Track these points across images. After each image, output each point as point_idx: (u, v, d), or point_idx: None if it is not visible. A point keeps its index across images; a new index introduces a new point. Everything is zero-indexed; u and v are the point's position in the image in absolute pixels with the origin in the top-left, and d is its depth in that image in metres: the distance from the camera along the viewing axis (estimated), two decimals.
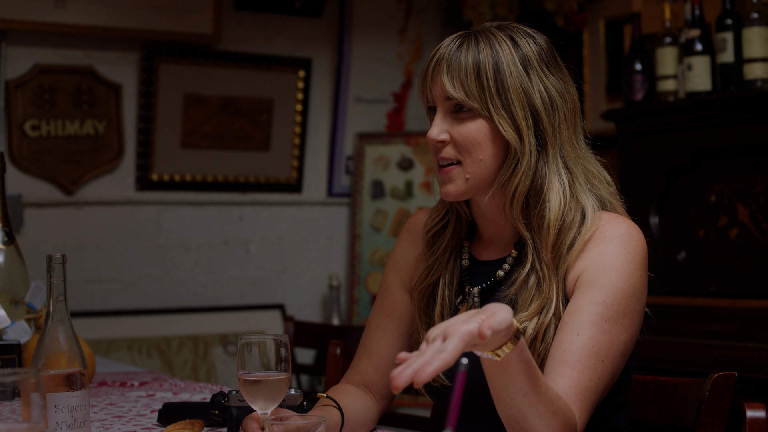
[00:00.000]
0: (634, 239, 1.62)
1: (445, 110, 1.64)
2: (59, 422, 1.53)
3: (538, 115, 1.62)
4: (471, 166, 1.63)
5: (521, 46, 1.63)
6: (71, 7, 3.79)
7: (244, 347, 1.56)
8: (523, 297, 1.63)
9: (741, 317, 3.03)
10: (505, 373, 1.40)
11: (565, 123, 1.65)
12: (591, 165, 1.69)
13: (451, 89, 1.61)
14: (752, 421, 1.58)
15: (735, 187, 3.13)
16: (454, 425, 1.11)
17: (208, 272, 4.18)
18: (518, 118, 1.60)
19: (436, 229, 1.77)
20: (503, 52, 1.61)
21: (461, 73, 1.60)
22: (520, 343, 1.37)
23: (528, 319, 1.60)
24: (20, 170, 3.80)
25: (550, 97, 1.63)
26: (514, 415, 1.44)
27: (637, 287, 1.60)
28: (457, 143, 1.63)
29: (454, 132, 1.63)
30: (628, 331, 1.58)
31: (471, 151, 1.62)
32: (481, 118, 1.61)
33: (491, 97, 1.60)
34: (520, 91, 1.61)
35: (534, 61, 1.63)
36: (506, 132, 1.60)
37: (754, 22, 3.12)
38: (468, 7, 4.34)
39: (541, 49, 1.65)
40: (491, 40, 1.62)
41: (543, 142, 1.63)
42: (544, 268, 1.62)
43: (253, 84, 4.18)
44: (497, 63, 1.60)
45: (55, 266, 1.56)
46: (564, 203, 1.62)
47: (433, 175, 4.52)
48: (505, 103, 1.60)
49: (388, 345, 1.81)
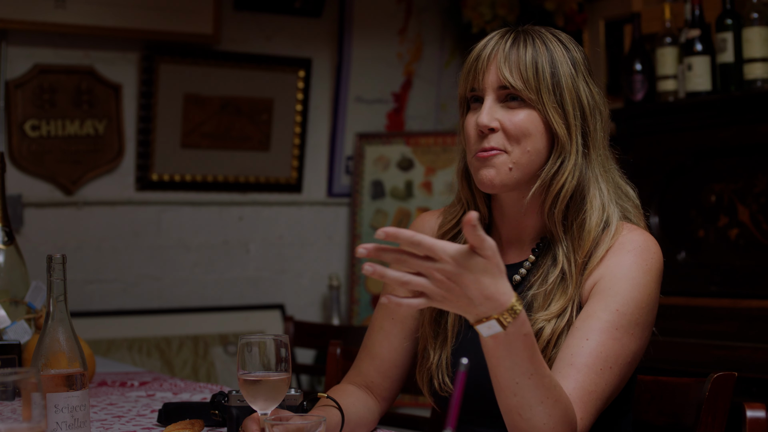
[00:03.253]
0: (652, 252, 1.63)
1: (495, 99, 1.64)
2: (59, 422, 1.53)
3: (584, 116, 1.64)
4: (517, 156, 1.63)
5: (570, 49, 1.66)
6: (71, 7, 3.79)
7: (244, 347, 1.56)
8: (541, 299, 1.63)
9: (741, 317, 3.03)
10: (510, 350, 1.38)
11: (603, 131, 1.67)
12: (618, 179, 1.71)
13: (510, 78, 1.62)
14: (752, 421, 1.58)
15: (735, 187, 3.13)
16: (454, 425, 1.11)
17: (208, 272, 4.18)
18: (569, 115, 1.63)
19: (452, 233, 1.75)
20: (556, 51, 1.64)
21: (520, 64, 1.62)
22: (521, 314, 1.36)
23: (546, 320, 1.60)
24: (20, 170, 3.80)
25: (594, 101, 1.66)
26: (517, 405, 1.42)
27: (650, 299, 1.61)
28: (507, 131, 1.63)
29: (505, 120, 1.63)
30: (638, 341, 1.59)
31: (520, 141, 1.62)
32: (533, 110, 1.63)
33: (547, 89, 1.62)
34: (572, 90, 1.63)
35: (581, 66, 1.66)
36: (558, 126, 1.62)
37: (754, 22, 3.12)
38: (468, 7, 4.34)
39: (584, 57, 1.69)
40: (544, 39, 1.65)
41: (587, 145, 1.65)
42: (573, 270, 1.62)
43: (253, 84, 4.18)
44: (553, 60, 1.63)
45: (55, 266, 1.56)
46: (603, 210, 1.64)
47: (433, 175, 4.55)
48: (558, 98, 1.62)
49: (390, 347, 1.81)
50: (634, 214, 1.70)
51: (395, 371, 1.82)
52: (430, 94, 4.63)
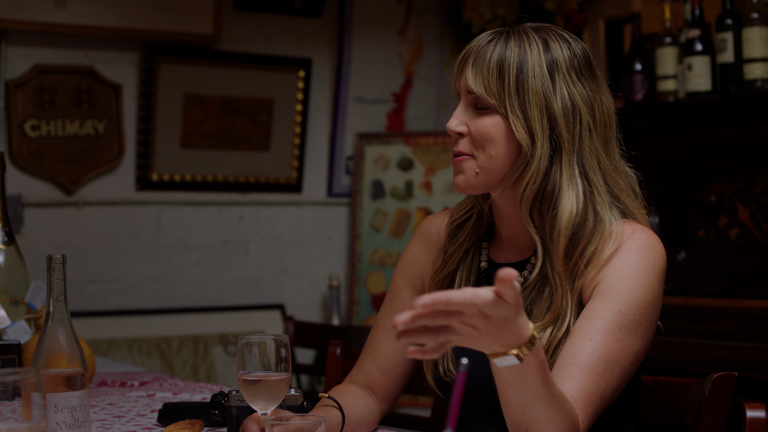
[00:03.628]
0: (655, 250, 1.62)
1: (467, 103, 1.65)
2: (59, 422, 1.53)
3: (555, 121, 1.61)
4: (483, 161, 1.63)
5: (552, 49, 1.63)
6: (71, 7, 3.79)
7: (244, 347, 1.56)
8: (538, 306, 1.63)
9: (741, 317, 3.03)
10: (523, 378, 1.37)
11: (589, 133, 1.63)
12: (620, 177, 1.68)
13: (472, 83, 1.62)
14: (752, 421, 1.58)
15: (735, 187, 3.13)
16: (454, 425, 1.11)
17: (208, 272, 4.18)
18: (533, 121, 1.60)
19: (460, 220, 1.77)
20: (531, 52, 1.61)
21: (484, 68, 1.61)
22: (537, 344, 1.34)
23: (542, 329, 1.59)
24: (20, 170, 3.80)
25: (573, 104, 1.62)
26: (526, 422, 1.41)
27: (653, 298, 1.60)
28: (472, 137, 1.64)
29: (471, 125, 1.64)
30: (641, 341, 1.58)
31: (484, 146, 1.63)
32: (497, 115, 1.62)
33: (509, 95, 1.60)
34: (539, 94, 1.60)
35: (562, 67, 1.62)
36: (518, 132, 1.60)
37: (754, 22, 3.12)
38: (468, 7, 4.34)
39: (574, 56, 1.64)
40: (522, 40, 1.63)
41: (558, 148, 1.61)
42: (557, 277, 1.61)
43: (253, 84, 4.18)
44: (522, 63, 1.61)
45: (55, 266, 1.56)
46: (576, 212, 1.61)
47: (433, 175, 4.55)
48: (522, 103, 1.60)
49: (394, 347, 1.81)
50: (636, 213, 1.68)
51: (398, 371, 1.82)
52: (430, 94, 4.63)
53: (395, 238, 4.34)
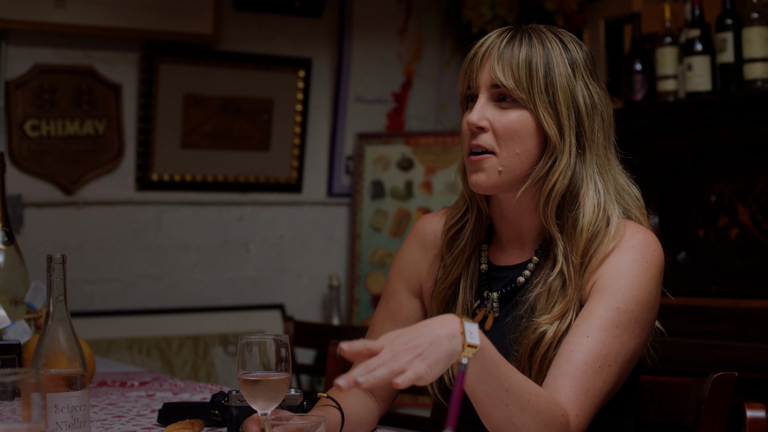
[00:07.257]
0: (652, 249, 1.63)
1: (488, 98, 1.64)
2: (59, 422, 1.53)
3: (580, 117, 1.63)
4: (506, 159, 1.63)
5: (570, 49, 1.65)
6: (71, 7, 3.79)
7: (244, 347, 1.56)
8: (544, 301, 1.63)
9: (741, 317, 3.03)
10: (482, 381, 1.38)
11: (602, 132, 1.67)
12: (621, 178, 1.70)
13: (502, 77, 1.62)
14: (752, 421, 1.58)
15: (735, 187, 3.13)
16: (454, 425, 1.11)
17: (208, 272, 4.18)
18: (562, 116, 1.62)
19: (457, 226, 1.76)
20: (554, 51, 1.63)
21: (513, 63, 1.62)
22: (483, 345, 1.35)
23: (549, 323, 1.60)
24: (20, 170, 3.80)
25: (593, 102, 1.65)
26: (503, 423, 1.43)
27: (651, 297, 1.61)
28: (496, 132, 1.63)
29: (495, 120, 1.63)
30: (638, 339, 1.59)
31: (509, 142, 1.62)
32: (525, 110, 1.62)
33: (539, 90, 1.61)
34: (566, 90, 1.62)
35: (581, 66, 1.65)
36: (549, 127, 1.61)
37: (754, 22, 3.12)
38: (468, 7, 4.34)
39: (587, 57, 1.68)
40: (543, 38, 1.65)
41: (582, 145, 1.64)
42: (572, 271, 1.62)
43: (253, 84, 4.18)
44: (548, 59, 1.63)
45: (55, 266, 1.56)
46: (598, 209, 1.63)
47: (433, 175, 4.55)
48: (551, 99, 1.62)
49: None
50: (637, 212, 1.69)
51: None
52: (430, 94, 4.63)
53: (395, 238, 4.34)
